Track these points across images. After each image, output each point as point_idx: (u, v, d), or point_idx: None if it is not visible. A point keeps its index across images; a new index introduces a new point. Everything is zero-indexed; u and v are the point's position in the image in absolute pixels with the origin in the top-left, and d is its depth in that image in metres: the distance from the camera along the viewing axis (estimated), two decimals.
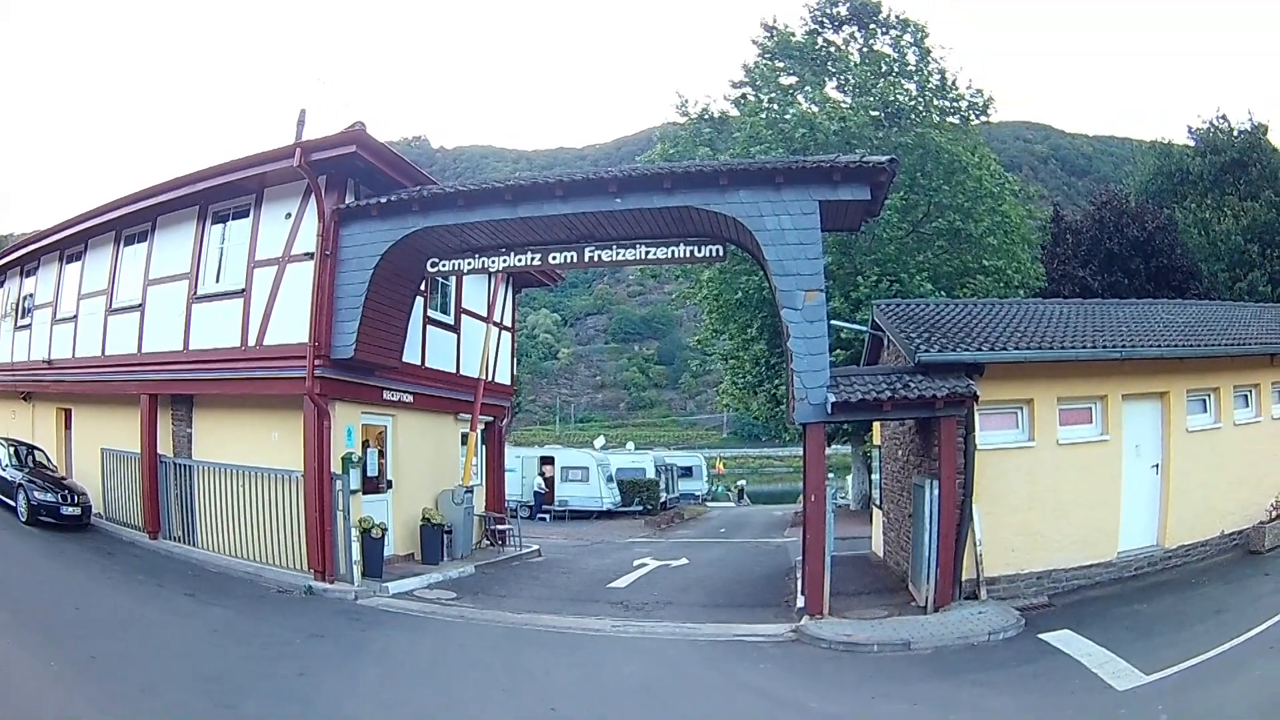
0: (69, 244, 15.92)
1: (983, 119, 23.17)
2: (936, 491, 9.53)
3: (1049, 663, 7.22)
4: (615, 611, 10.64)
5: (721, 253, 10.49)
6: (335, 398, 11.78)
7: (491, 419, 17.38)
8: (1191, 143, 29.69)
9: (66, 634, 8.14)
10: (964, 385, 9.52)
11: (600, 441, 40.54)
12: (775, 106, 21.80)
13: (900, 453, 12.64)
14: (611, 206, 9.89)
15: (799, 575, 10.53)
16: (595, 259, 10.76)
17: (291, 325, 11.60)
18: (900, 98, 21.06)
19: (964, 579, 9.77)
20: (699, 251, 10.44)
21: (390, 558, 13.14)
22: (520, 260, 11.09)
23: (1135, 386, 10.85)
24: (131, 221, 14.17)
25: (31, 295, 17.52)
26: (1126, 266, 22.54)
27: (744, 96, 23.24)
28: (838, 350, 19.48)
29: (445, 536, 14.13)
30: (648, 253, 10.54)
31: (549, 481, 29.54)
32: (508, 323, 18.12)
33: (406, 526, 13.94)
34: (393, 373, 12.84)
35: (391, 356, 12.38)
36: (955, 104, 22.45)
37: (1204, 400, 11.64)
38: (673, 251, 10.49)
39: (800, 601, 9.86)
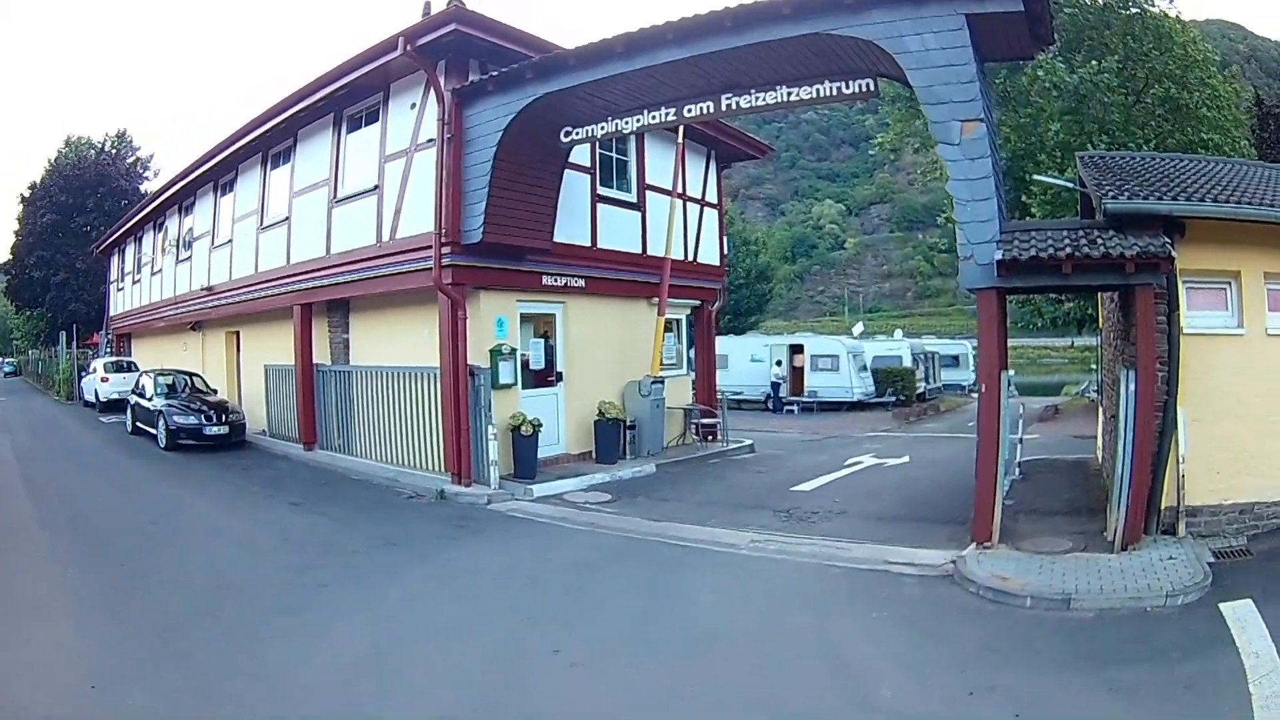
0: (221, 172, 17.26)
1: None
2: (1133, 386, 7.89)
3: (1209, 662, 5.44)
4: (773, 522, 9.62)
5: (872, 87, 9.53)
6: (478, 286, 11.64)
7: (699, 303, 16.39)
8: None
9: (115, 548, 8.35)
10: (1159, 244, 7.77)
11: (859, 328, 37.47)
12: None
13: (1111, 336, 11.13)
14: (729, 44, 9.14)
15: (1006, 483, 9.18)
16: (733, 106, 10.16)
17: (421, 215, 11.63)
18: None
19: (1163, 506, 8.15)
20: (846, 88, 9.56)
21: (559, 456, 12.82)
22: (655, 118, 10.65)
23: None
24: (276, 139, 15.03)
25: (191, 229, 19.24)
26: None
27: None
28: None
29: (628, 432, 13.39)
30: (790, 94, 9.78)
31: (799, 371, 28.59)
32: (712, 199, 16.94)
33: (582, 423, 13.28)
34: (548, 256, 12.24)
35: (539, 238, 11.86)
36: None
37: None
38: (817, 90, 9.67)
39: None
